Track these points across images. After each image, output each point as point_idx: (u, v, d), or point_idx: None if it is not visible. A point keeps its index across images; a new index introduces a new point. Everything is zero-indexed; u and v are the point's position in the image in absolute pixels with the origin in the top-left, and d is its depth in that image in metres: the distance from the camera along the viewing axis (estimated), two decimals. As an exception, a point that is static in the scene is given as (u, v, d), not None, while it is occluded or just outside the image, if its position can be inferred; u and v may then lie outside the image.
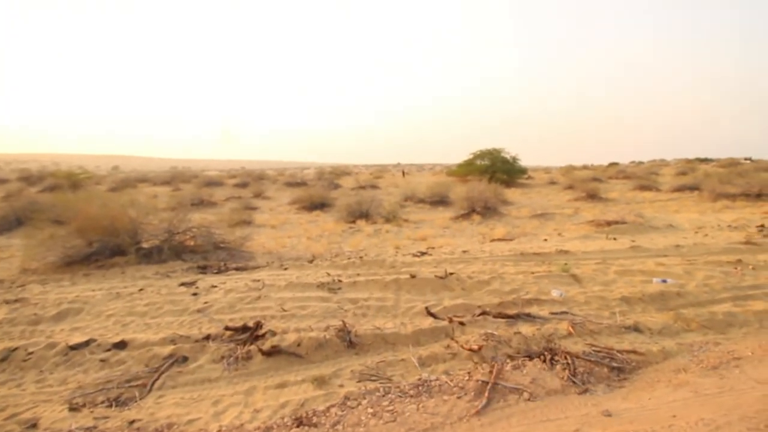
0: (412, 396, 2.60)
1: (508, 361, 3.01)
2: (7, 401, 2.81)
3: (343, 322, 3.59)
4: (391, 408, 2.48)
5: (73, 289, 5.17)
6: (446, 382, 2.74)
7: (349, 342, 3.34)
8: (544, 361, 2.98)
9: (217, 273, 6.02)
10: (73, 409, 2.67)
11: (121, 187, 21.49)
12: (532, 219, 12.58)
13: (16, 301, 4.69)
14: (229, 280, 5.38)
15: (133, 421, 2.50)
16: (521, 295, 4.40)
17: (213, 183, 24.84)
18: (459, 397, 2.57)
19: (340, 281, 5.05)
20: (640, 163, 50.23)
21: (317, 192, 17.27)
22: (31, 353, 3.36)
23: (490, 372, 2.78)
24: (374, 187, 23.07)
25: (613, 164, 42.06)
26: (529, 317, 3.78)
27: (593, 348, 3.18)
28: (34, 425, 2.53)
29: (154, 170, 48.06)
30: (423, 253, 6.98)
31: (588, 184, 18.93)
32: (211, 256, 7.39)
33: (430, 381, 2.75)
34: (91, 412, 2.64)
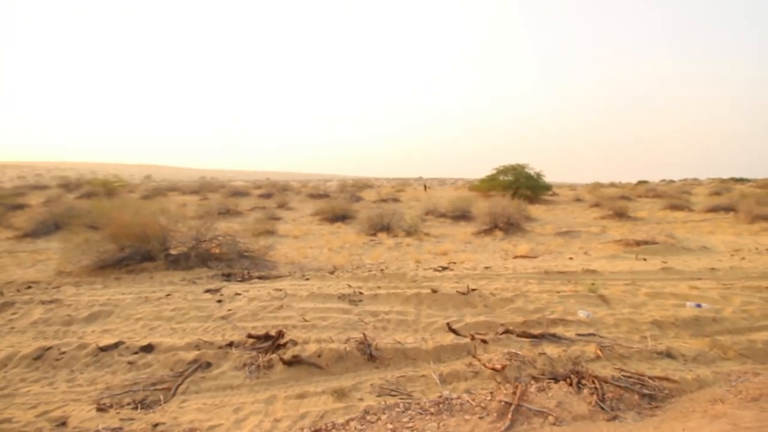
0: (432, 414, 2.55)
1: (532, 382, 2.92)
2: (39, 398, 2.91)
3: (363, 334, 3.57)
4: (411, 425, 2.43)
5: (105, 292, 5.37)
6: (468, 401, 2.67)
7: (370, 355, 3.32)
8: (571, 384, 2.87)
9: (240, 281, 6.13)
10: (101, 409, 2.74)
11: (153, 196, 22.33)
12: (556, 236, 12.29)
13: (51, 301, 4.90)
14: (253, 288, 5.46)
15: (157, 425, 2.54)
16: (546, 314, 4.28)
17: (239, 193, 25.47)
18: (481, 418, 2.50)
19: (361, 293, 5.05)
20: (671, 181, 48.55)
21: (339, 204, 17.43)
22: (64, 353, 3.49)
23: (514, 393, 2.70)
24: (396, 200, 23.12)
25: (642, 182, 40.81)
26: (555, 338, 3.66)
27: (623, 373, 3.05)
28: (64, 423, 2.60)
29: (184, 180, 49.73)
30: (444, 268, 6.91)
31: (616, 202, 18.40)
32: (236, 264, 7.53)
33: (452, 399, 2.70)
34: (118, 413, 2.70)
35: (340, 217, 16.13)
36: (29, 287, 5.80)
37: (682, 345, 3.63)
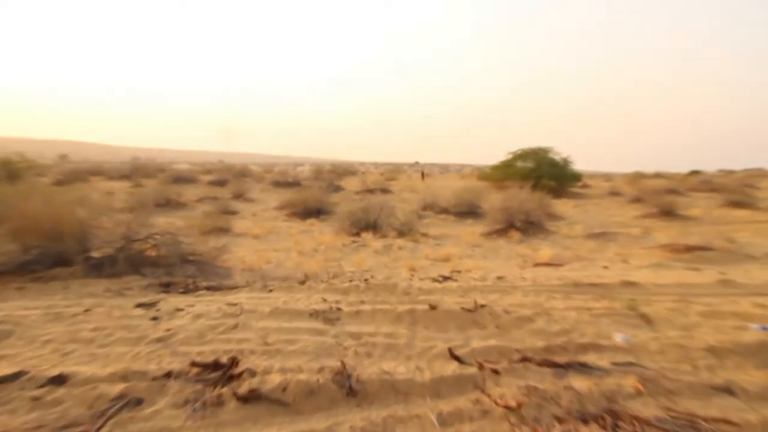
0: (429, 465, 2.54)
1: (555, 424, 2.93)
2: None
3: (341, 362, 3.55)
4: (401, 479, 2.42)
5: (2, 307, 5.24)
6: (474, 448, 2.67)
7: (349, 389, 3.30)
8: (605, 426, 2.90)
9: (183, 292, 6.06)
10: (-5, 460, 2.67)
11: (70, 181, 21.94)
12: (587, 239, 12.44)
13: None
14: (199, 302, 5.39)
15: (68, 480, 2.48)
16: (573, 337, 4.32)
17: (183, 179, 25.24)
18: (491, 470, 2.50)
19: (339, 309, 5.03)
20: (731, 172, 49.55)
21: (313, 195, 17.42)
22: (-53, 385, 3.39)
23: (533, 438, 2.71)
24: (385, 191, 23.16)
25: (695, 173, 41.63)
26: (585, 367, 3.69)
27: (670, 413, 3.08)
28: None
29: (111, 161, 49.01)
30: (446, 278, 6.93)
31: (662, 197, 18.73)
32: (178, 270, 7.44)
33: (454, 446, 2.69)
34: (17, 465, 2.63)
35: (313, 211, 16.12)
36: None
37: (744, 378, 3.69)
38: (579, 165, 26.49)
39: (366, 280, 6.75)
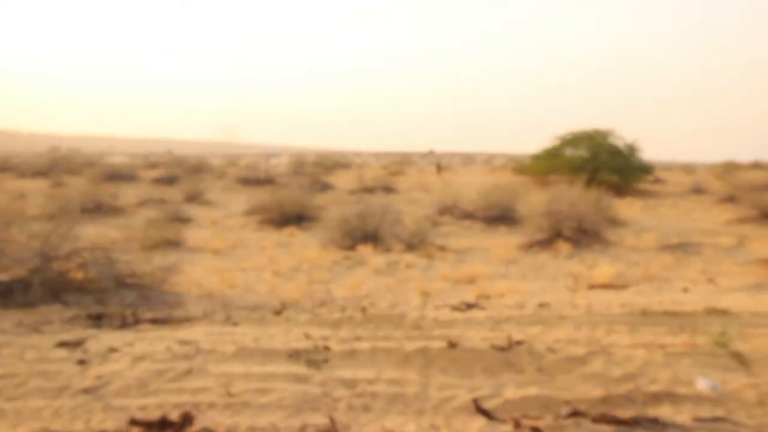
0: None
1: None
2: None
3: (330, 419, 3.57)
4: None
5: None
6: None
7: (341, 455, 3.31)
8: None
9: (120, 327, 6.07)
10: None
11: (-33, 179, 22.01)
12: (661, 252, 12.42)
13: None
14: (141, 340, 5.41)
15: None
16: (642, 384, 4.32)
17: (120, 176, 25.36)
18: None
19: (327, 349, 5.04)
20: None
21: (292, 196, 17.42)
22: None
23: None
24: (389, 189, 23.21)
25: (807, 162, 41.39)
26: (658, 425, 3.69)
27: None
28: None
29: (23, 152, 49.25)
30: (471, 306, 6.92)
31: (762, 195, 18.67)
32: (112, 298, 7.46)
33: None
34: None
35: (293, 218, 16.15)
36: None
37: None
38: (650, 153, 26.46)
39: (363, 309, 6.75)
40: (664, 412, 3.93)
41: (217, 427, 3.59)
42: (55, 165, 28.28)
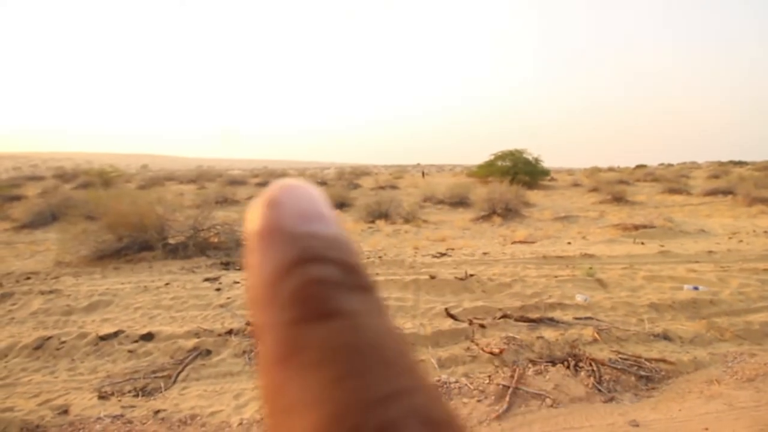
0: (431, 397, 2.58)
1: (530, 366, 2.95)
2: (41, 387, 2.93)
3: (362, 321, 3.59)
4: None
5: (104, 282, 5.37)
6: (466, 384, 2.70)
7: (369, 341, 3.34)
8: (568, 367, 2.90)
9: (239, 270, 6.13)
10: (102, 397, 2.76)
11: (150, 185, 22.20)
12: (554, 222, 12.31)
13: (50, 292, 4.90)
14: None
15: (158, 411, 2.56)
16: (544, 298, 4.30)
17: (236, 182, 25.33)
18: (479, 401, 2.53)
19: (359, 280, 5.06)
20: (670, 165, 48.48)
21: (337, 192, 17.37)
22: (64, 342, 3.50)
23: (512, 376, 2.73)
24: (394, 187, 23.05)
25: (641, 166, 40.70)
26: (552, 322, 3.69)
27: (620, 355, 3.08)
28: (65, 411, 2.62)
29: (181, 169, 49.45)
30: (442, 254, 6.92)
31: (614, 187, 18.37)
32: (234, 253, 7.52)
33: (450, 383, 2.72)
34: (119, 400, 2.72)
35: (338, 204, 16.09)
36: (28, 278, 5.80)
37: (679, 327, 3.66)
38: (548, 162, 26.13)
39: (380, 257, 6.77)
40: (557, 314, 3.92)
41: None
42: (199, 176, 28.34)
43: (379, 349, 0.15)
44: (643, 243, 7.99)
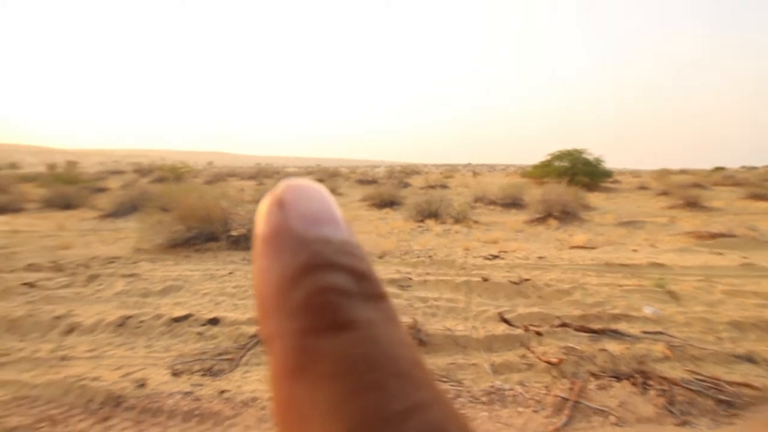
0: (484, 403, 2.51)
1: (591, 379, 2.77)
2: (122, 361, 3.24)
3: (414, 319, 3.58)
4: (462, 412, 2.41)
5: (176, 269, 5.81)
6: (521, 393, 2.60)
7: (420, 340, 3.32)
8: (635, 384, 2.70)
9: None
10: (175, 374, 2.99)
11: (215, 181, 23.76)
12: (618, 227, 11.49)
13: (130, 275, 5.40)
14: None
15: (223, 391, 2.73)
16: (607, 309, 4.03)
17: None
18: (535, 411, 2.42)
19: (410, 279, 5.04)
20: (753, 168, 43.43)
21: (387, 190, 17.46)
22: (142, 322, 3.84)
23: (571, 389, 2.59)
24: (444, 186, 22.76)
25: (719, 169, 36.91)
26: (617, 334, 3.44)
27: (695, 376, 2.80)
28: (143, 385, 2.88)
29: (242, 166, 52.28)
30: (495, 257, 6.71)
31: (687, 191, 16.77)
32: (290, 246, 7.81)
33: (504, 390, 2.63)
34: (189, 378, 2.94)
35: (387, 203, 16.17)
36: (112, 262, 6.43)
37: (765, 350, 3.26)
38: (610, 163, 24.43)
39: (430, 256, 6.71)
40: (622, 326, 3.66)
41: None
42: (258, 173, 29.87)
43: (394, 360, 0.15)
44: (721, 254, 7.22)
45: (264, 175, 29.11)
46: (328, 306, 0.15)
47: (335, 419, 0.13)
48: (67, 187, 15.51)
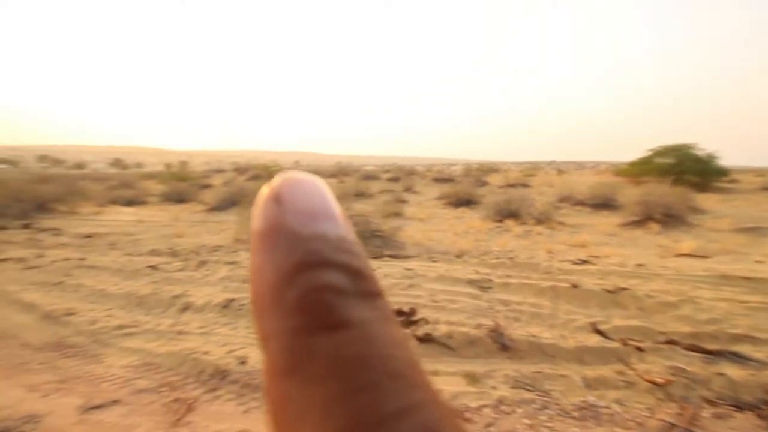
0: (575, 418, 2.34)
1: (705, 406, 2.43)
2: (227, 339, 3.62)
3: (495, 322, 3.46)
4: (550, 425, 2.27)
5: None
6: (619, 412, 2.37)
7: (502, 345, 3.20)
8: (762, 417, 2.30)
9: (374, 258, 6.53)
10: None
11: (300, 178, 25.32)
12: (736, 233, 9.88)
13: (232, 263, 6.00)
14: (384, 265, 5.77)
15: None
16: (725, 327, 3.49)
17: (369, 177, 27.12)
18: (636, 434, 2.19)
19: (490, 280, 4.88)
20: None
21: (464, 188, 17.08)
22: (243, 305, 4.25)
23: (681, 414, 2.29)
24: (524, 185, 21.60)
25: None
26: (738, 357, 2.97)
27: None
28: (244, 362, 3.19)
29: (324, 164, 55.17)
30: (584, 262, 6.20)
31: (834, 193, 13.80)
32: (369, 242, 8.05)
33: (598, 407, 2.43)
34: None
35: (464, 201, 15.81)
36: (216, 250, 7.22)
37: None
38: (727, 160, 21.02)
39: (510, 258, 6.43)
40: (745, 349, 3.14)
41: (429, 318, 3.69)
42: (338, 171, 31.29)
43: (389, 360, 0.15)
44: None
45: (344, 173, 30.34)
46: (322, 305, 0.15)
47: (329, 419, 0.13)
48: (180, 184, 17.78)
